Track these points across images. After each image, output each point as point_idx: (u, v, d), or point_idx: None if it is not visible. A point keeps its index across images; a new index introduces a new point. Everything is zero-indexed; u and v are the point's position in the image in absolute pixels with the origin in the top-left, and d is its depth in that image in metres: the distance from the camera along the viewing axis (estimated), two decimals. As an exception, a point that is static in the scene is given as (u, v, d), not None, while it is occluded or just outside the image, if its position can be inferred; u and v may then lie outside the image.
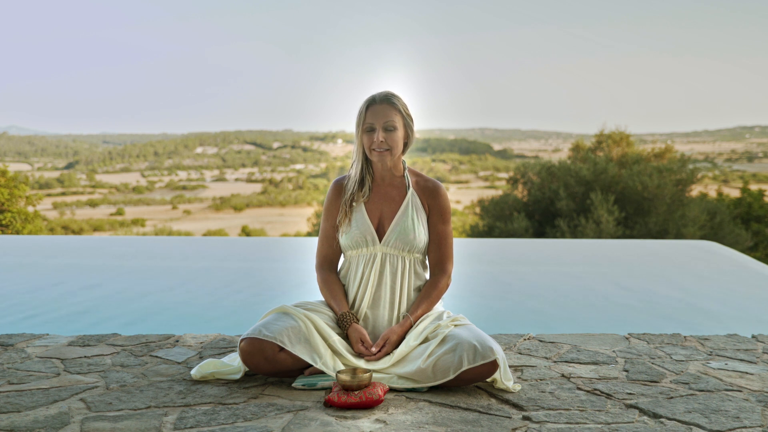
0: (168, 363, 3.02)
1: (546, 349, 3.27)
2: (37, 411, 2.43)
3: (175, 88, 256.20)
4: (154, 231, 41.76)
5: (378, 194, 2.95)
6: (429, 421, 2.34)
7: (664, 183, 20.36)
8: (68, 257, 8.75)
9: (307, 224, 31.87)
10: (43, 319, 5.37)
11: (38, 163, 70.53)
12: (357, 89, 62.01)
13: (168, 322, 5.41)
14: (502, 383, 2.64)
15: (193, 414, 2.40)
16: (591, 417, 2.41)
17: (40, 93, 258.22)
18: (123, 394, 2.61)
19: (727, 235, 19.68)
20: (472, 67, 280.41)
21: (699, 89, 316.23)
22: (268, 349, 2.63)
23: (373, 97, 2.88)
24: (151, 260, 8.60)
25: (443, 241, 2.97)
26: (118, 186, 62.77)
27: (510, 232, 20.45)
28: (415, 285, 2.95)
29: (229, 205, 56.20)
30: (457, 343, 2.59)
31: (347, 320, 2.82)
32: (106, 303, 6.03)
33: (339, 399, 2.46)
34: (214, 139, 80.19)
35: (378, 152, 2.86)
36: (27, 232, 19.62)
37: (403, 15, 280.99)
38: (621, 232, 19.78)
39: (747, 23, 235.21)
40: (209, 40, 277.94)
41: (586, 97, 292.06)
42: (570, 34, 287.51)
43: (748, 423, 2.36)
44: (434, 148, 68.98)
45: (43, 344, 3.32)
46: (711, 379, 2.84)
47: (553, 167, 22.58)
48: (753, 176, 46.47)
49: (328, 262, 3.03)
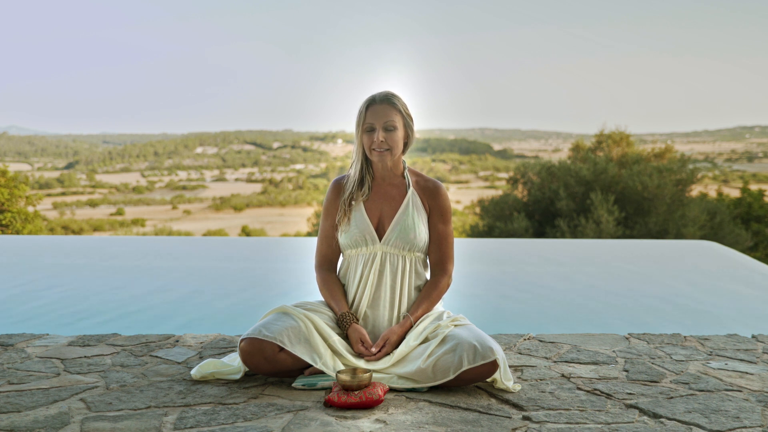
0: (168, 363, 3.02)
1: (546, 349, 3.27)
2: (37, 411, 2.43)
3: (175, 88, 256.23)
4: (154, 231, 41.76)
5: (378, 194, 2.95)
6: (429, 421, 2.34)
7: (664, 183, 20.37)
8: (68, 257, 8.75)
9: (307, 224, 31.87)
10: (43, 319, 5.37)
11: (38, 163, 70.52)
12: (357, 89, 61.97)
13: (168, 322, 5.41)
14: (502, 383, 2.64)
15: (193, 414, 2.40)
16: (591, 417, 2.41)
17: (40, 93, 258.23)
18: (123, 394, 2.61)
19: (727, 235, 19.69)
20: (472, 67, 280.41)
21: (699, 89, 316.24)
22: (268, 349, 2.63)
23: (373, 97, 2.88)
24: (151, 260, 8.60)
25: (444, 241, 2.97)
26: (118, 186, 62.77)
27: (510, 232, 20.45)
28: (415, 284, 2.94)
29: (229, 205, 56.20)
30: (457, 343, 2.59)
31: (347, 320, 2.82)
32: (106, 303, 6.04)
33: (339, 399, 2.46)
34: (214, 139, 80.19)
35: (378, 152, 2.86)
36: (27, 232, 19.62)
37: (403, 15, 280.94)
38: (621, 232, 19.78)
39: (747, 23, 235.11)
40: (209, 40, 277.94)
41: (586, 97, 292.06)
42: (570, 34, 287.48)
43: (748, 423, 2.36)
44: (434, 148, 68.97)
45: (43, 344, 3.31)
46: (711, 379, 2.84)
47: (553, 167, 22.58)
48: (753, 176, 46.46)
49: (328, 262, 3.02)
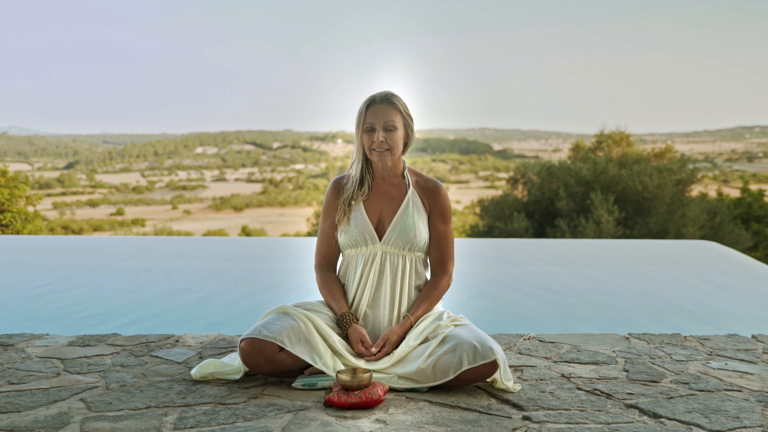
0: (168, 363, 3.02)
1: (546, 349, 3.27)
2: (37, 411, 2.43)
3: (175, 88, 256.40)
4: (154, 231, 41.75)
5: (378, 194, 2.95)
6: (429, 421, 2.34)
7: (664, 183, 20.37)
8: (68, 257, 8.75)
9: (307, 224, 31.86)
10: (43, 319, 5.37)
11: (38, 163, 70.54)
12: (357, 89, 61.81)
13: (168, 322, 5.41)
14: (502, 383, 2.64)
15: (193, 414, 2.40)
16: (591, 417, 2.41)
17: (40, 93, 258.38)
18: (123, 394, 2.60)
19: (727, 235, 19.69)
20: (472, 67, 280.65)
21: (699, 89, 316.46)
22: (268, 349, 2.63)
23: (373, 97, 2.88)
24: (151, 260, 8.60)
25: (444, 240, 2.97)
26: (118, 186, 62.79)
27: (510, 232, 20.45)
28: (415, 284, 2.94)
29: (229, 205, 56.22)
30: (457, 343, 2.59)
31: (347, 320, 2.82)
32: (106, 303, 6.03)
33: (339, 399, 2.46)
34: (214, 139, 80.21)
35: (378, 152, 2.86)
36: (27, 232, 19.61)
37: (403, 15, 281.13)
38: (621, 232, 19.78)
39: (747, 23, 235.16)
40: (209, 40, 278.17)
41: (586, 97, 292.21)
42: (570, 34, 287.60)
43: (748, 423, 2.36)
44: (434, 148, 68.99)
45: (43, 344, 3.31)
46: (711, 379, 2.84)
47: (553, 167, 22.58)
48: (753, 176, 46.48)
49: (327, 262, 3.02)
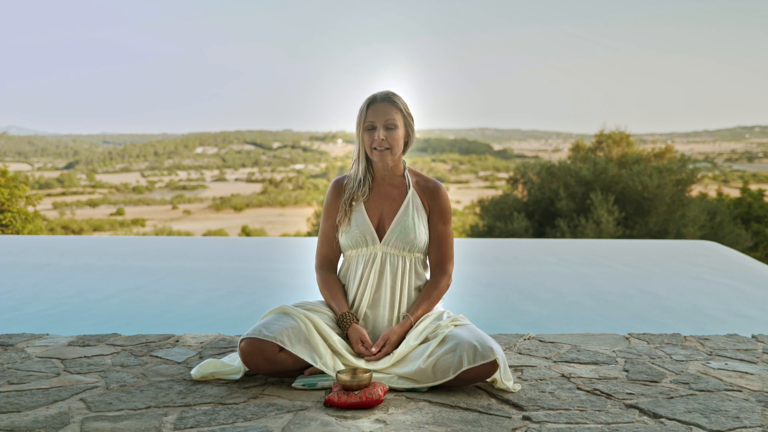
0: (168, 363, 3.02)
1: (546, 349, 3.27)
2: (37, 411, 2.43)
3: (175, 88, 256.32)
4: (154, 231, 41.76)
5: (378, 194, 2.95)
6: (429, 421, 2.34)
7: (664, 183, 20.37)
8: (68, 257, 8.75)
9: (307, 224, 31.87)
10: (43, 319, 5.37)
11: (38, 163, 70.53)
12: (357, 89, 61.82)
13: (168, 322, 5.41)
14: (502, 383, 2.64)
15: (193, 414, 2.40)
16: (591, 417, 2.41)
17: (40, 93, 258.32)
18: (123, 394, 2.60)
19: (727, 235, 19.69)
20: (472, 67, 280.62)
21: (699, 89, 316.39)
22: (268, 349, 2.63)
23: (374, 96, 2.88)
24: (151, 260, 8.60)
25: (444, 241, 2.97)
26: (118, 186, 62.79)
27: (510, 232, 20.45)
28: (415, 285, 2.94)
29: (229, 205, 56.22)
30: (457, 343, 2.59)
31: (347, 320, 2.82)
32: (106, 303, 6.03)
33: (339, 399, 2.46)
34: (214, 139, 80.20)
35: (379, 151, 2.86)
36: (27, 232, 19.61)
37: (403, 15, 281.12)
38: (621, 232, 19.78)
39: (747, 23, 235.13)
40: (209, 40, 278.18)
41: (586, 97, 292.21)
42: (570, 34, 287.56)
43: (748, 423, 2.36)
44: (434, 148, 68.98)
45: (43, 344, 3.31)
46: (711, 379, 2.84)
47: (553, 167, 22.58)
48: (753, 176, 46.47)
49: (328, 262, 3.02)
